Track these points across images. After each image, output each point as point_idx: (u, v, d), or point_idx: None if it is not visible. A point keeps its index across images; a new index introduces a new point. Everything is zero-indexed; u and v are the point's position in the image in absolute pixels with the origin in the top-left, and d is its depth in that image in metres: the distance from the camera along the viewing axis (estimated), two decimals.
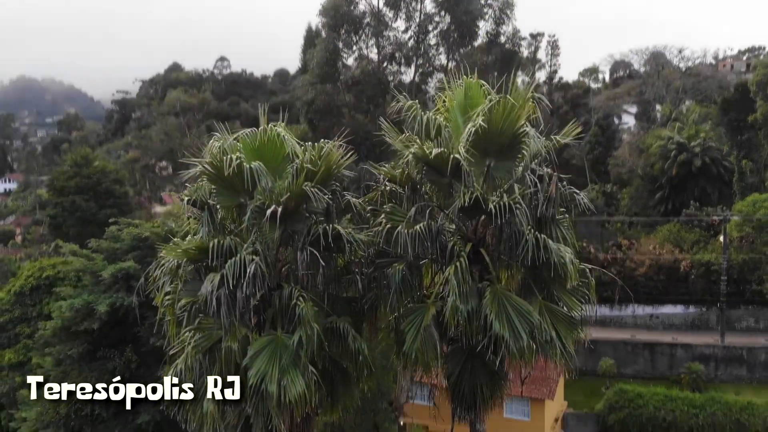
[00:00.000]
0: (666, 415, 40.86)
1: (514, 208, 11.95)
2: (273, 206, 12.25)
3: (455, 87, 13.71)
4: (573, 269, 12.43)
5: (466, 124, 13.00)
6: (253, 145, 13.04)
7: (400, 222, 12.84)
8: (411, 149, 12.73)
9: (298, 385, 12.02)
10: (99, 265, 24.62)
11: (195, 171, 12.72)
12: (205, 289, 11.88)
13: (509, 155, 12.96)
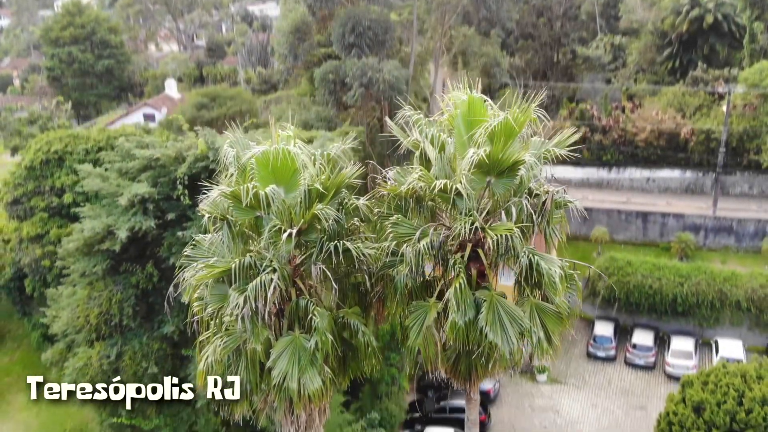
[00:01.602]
0: (653, 283, 43.85)
1: (510, 236, 13.25)
2: (288, 231, 13.54)
3: (459, 100, 14.38)
4: (561, 287, 14.00)
5: (470, 141, 13.91)
6: (266, 163, 14.02)
7: (406, 235, 14.17)
8: (416, 175, 13.75)
9: (315, 383, 14.09)
10: (114, 186, 25.86)
11: (215, 196, 13.85)
12: (231, 307, 13.52)
13: (509, 175, 14.02)
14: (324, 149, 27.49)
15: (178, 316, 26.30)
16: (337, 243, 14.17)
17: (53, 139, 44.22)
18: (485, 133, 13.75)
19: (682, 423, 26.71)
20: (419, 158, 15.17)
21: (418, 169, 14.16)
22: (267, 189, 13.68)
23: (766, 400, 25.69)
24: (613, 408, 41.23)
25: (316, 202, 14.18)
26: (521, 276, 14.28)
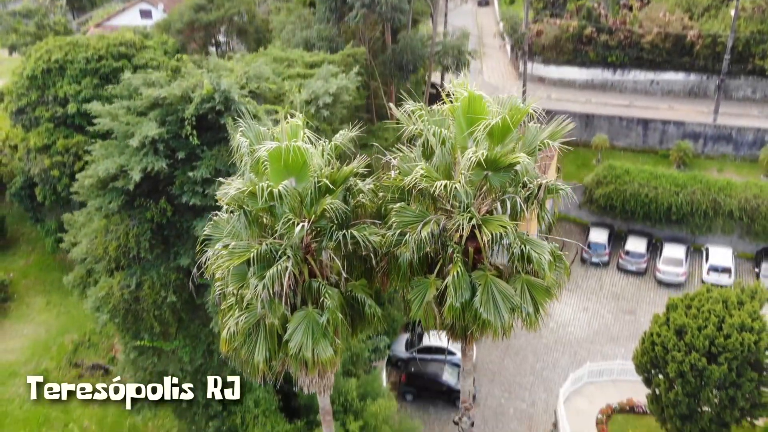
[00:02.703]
0: (649, 192, 45.59)
1: (505, 233, 14.71)
2: (301, 224, 14.98)
3: (460, 96, 15.34)
4: (549, 273, 15.61)
5: (471, 137, 15.08)
6: (278, 157, 15.21)
7: (409, 222, 15.62)
8: (419, 174, 14.97)
9: (327, 352, 16.02)
10: (124, 126, 26.83)
11: (233, 192, 15.15)
12: (251, 292, 15.20)
13: (506, 171, 15.24)
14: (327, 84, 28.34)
15: (193, 248, 28.12)
16: (345, 233, 15.62)
17: (53, 48, 44.35)
18: (484, 131, 14.83)
19: (664, 344, 29.12)
20: (422, 145, 16.27)
21: (420, 166, 15.29)
22: (280, 186, 14.95)
23: (744, 326, 27.92)
24: (604, 312, 44.05)
25: (325, 195, 15.48)
26: (513, 259, 15.79)
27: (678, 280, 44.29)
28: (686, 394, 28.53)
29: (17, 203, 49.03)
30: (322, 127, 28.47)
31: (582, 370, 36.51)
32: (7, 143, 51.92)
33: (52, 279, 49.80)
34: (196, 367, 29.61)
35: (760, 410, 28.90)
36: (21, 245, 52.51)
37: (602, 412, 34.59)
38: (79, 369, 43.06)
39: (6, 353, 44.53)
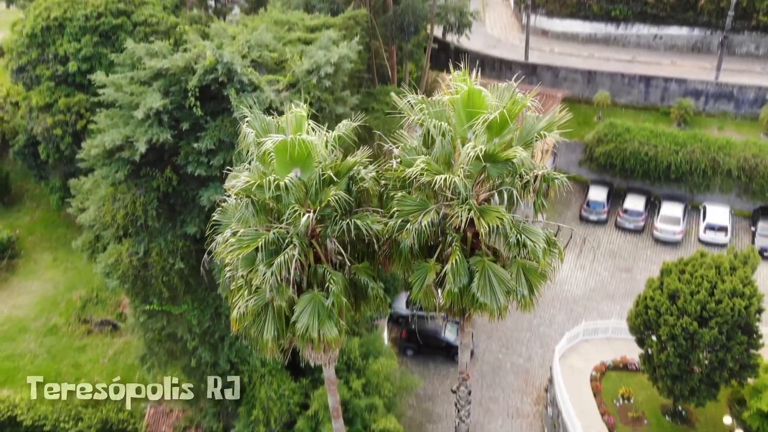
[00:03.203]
0: (649, 150, 46.18)
1: (502, 226, 15.53)
2: (307, 215, 15.80)
3: (459, 89, 15.94)
4: (543, 260, 16.47)
5: (471, 128, 15.77)
6: (284, 149, 15.90)
7: (410, 211, 16.41)
8: (419, 168, 15.68)
9: (332, 332, 17.03)
10: (129, 96, 27.33)
11: (242, 182, 15.91)
12: (260, 278, 16.11)
13: (504, 163, 15.95)
14: (328, 53, 28.68)
15: (199, 216, 28.99)
16: (349, 222, 16.44)
17: (52, 5, 44.34)
18: (483, 125, 15.49)
19: (657, 308, 30.24)
20: (423, 135, 16.92)
21: (421, 159, 15.97)
22: (286, 179, 15.68)
23: (736, 292, 28.95)
24: (600, 270, 45.17)
25: (330, 185, 16.24)
26: (510, 246, 16.63)
27: (675, 239, 45.25)
28: (677, 356, 29.77)
29: (21, 161, 49.62)
30: (324, 96, 28.94)
31: (577, 328, 37.76)
32: (8, 100, 52.23)
33: (57, 235, 50.84)
34: (204, 329, 30.80)
35: (749, 371, 30.20)
36: (25, 202, 53.33)
37: (596, 369, 35.99)
38: (88, 325, 44.49)
39: (15, 309, 45.86)
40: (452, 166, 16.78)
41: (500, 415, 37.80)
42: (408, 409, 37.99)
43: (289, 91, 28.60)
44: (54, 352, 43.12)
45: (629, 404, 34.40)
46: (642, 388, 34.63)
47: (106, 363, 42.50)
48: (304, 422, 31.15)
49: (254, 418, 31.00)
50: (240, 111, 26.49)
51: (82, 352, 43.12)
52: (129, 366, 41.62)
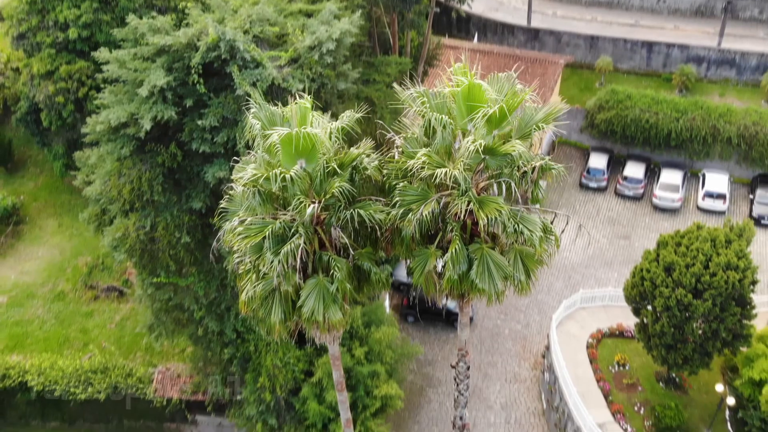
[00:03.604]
0: (650, 117, 46.65)
1: (500, 217, 16.23)
2: (312, 206, 16.48)
3: (460, 82, 16.47)
4: (540, 248, 17.20)
5: (471, 120, 16.36)
6: (289, 142, 16.50)
7: (412, 201, 17.09)
8: (421, 161, 16.29)
9: (337, 316, 17.90)
10: (133, 73, 27.72)
11: (249, 174, 16.55)
12: (268, 266, 16.88)
13: (503, 156, 16.56)
14: (330, 28, 28.96)
15: (204, 192, 29.63)
16: (352, 212, 17.14)
17: None
18: (483, 119, 16.06)
19: (653, 280, 31.09)
20: (425, 125, 17.46)
21: (422, 153, 16.57)
22: (291, 172, 16.32)
23: (730, 265, 29.75)
24: (599, 237, 45.97)
25: (334, 176, 16.90)
26: (507, 234, 17.34)
27: (674, 206, 45.95)
28: (671, 326, 30.74)
29: (23, 128, 49.98)
30: (326, 72, 29.26)
31: (574, 296, 38.69)
32: (8, 66, 52.37)
33: (61, 201, 51.54)
34: (211, 299, 31.72)
35: (742, 341, 31.19)
36: (29, 168, 53.88)
37: (593, 337, 37.06)
38: (95, 291, 45.48)
39: (23, 275, 46.83)
40: (453, 155, 17.38)
41: (498, 379, 39.02)
42: (409, 374, 39.23)
43: (290, 67, 28.94)
44: (62, 318, 44.19)
45: (624, 371, 35.53)
46: (637, 354, 35.72)
47: (114, 328, 43.61)
48: (308, 389, 32.33)
49: (260, 385, 32.16)
50: (243, 88, 27.13)
51: (89, 318, 44.19)
52: (136, 331, 42.79)
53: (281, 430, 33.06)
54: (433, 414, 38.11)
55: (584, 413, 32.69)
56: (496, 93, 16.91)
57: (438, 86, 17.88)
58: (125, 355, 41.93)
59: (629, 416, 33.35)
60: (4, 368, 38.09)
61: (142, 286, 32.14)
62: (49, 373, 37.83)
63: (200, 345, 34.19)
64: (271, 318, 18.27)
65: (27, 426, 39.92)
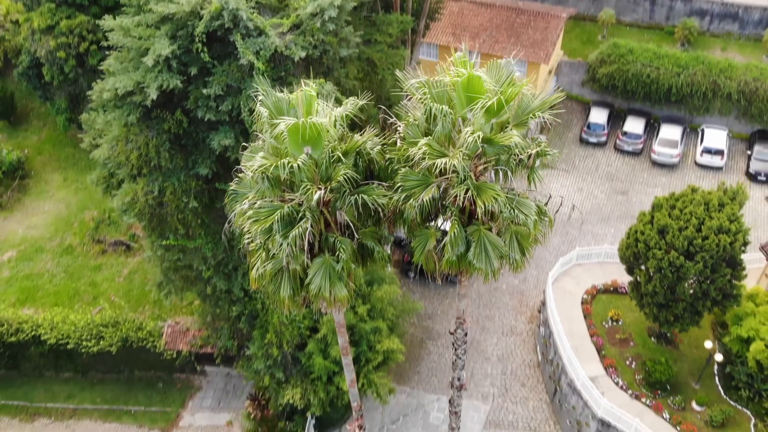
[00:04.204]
0: (651, 72, 47.21)
1: (497, 205, 17.30)
2: (318, 192, 17.52)
3: (460, 73, 17.28)
4: (535, 230, 18.30)
5: (471, 110, 17.26)
6: (296, 131, 17.43)
7: (413, 186, 18.11)
8: (422, 151, 17.23)
9: (342, 292, 19.15)
10: (137, 41, 28.28)
11: (259, 165, 17.52)
12: (276, 248, 18.02)
13: (500, 145, 17.49)
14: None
15: (210, 158, 30.55)
16: (356, 197, 18.19)
17: None
18: (481, 110, 16.95)
19: (647, 242, 32.27)
20: (426, 113, 18.31)
21: (423, 142, 17.49)
22: (299, 161, 17.28)
23: (722, 228, 30.88)
24: (597, 192, 47.04)
25: (339, 165, 17.90)
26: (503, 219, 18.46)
27: (672, 162, 46.84)
28: (663, 287, 32.08)
29: (25, 82, 50.42)
30: (328, 39, 29.77)
31: (571, 254, 39.93)
32: (8, 18, 52.45)
33: (65, 155, 52.45)
34: (218, 260, 32.99)
35: (731, 301, 32.56)
36: (32, 121, 54.55)
37: (587, 293, 38.49)
38: (102, 245, 46.85)
39: (30, 229, 48.12)
40: (453, 140, 18.30)
41: (495, 332, 40.69)
42: (410, 327, 40.87)
43: (292, 33, 29.45)
44: (71, 272, 45.65)
45: (617, 326, 37.08)
46: (630, 310, 37.19)
47: (122, 282, 45.12)
48: (314, 344, 33.91)
49: (268, 341, 33.71)
50: (246, 57, 27.78)
51: (98, 272, 45.65)
52: (144, 285, 44.30)
53: (288, 382, 34.76)
54: (432, 365, 39.92)
55: (577, 367, 34.37)
56: (495, 82, 17.71)
57: (438, 71, 18.68)
58: (134, 308, 43.54)
59: (621, 370, 35.02)
60: (18, 323, 39.61)
61: (152, 248, 33.36)
62: (61, 327, 39.35)
63: (208, 302, 35.61)
64: (281, 293, 19.51)
65: (41, 377, 41.69)
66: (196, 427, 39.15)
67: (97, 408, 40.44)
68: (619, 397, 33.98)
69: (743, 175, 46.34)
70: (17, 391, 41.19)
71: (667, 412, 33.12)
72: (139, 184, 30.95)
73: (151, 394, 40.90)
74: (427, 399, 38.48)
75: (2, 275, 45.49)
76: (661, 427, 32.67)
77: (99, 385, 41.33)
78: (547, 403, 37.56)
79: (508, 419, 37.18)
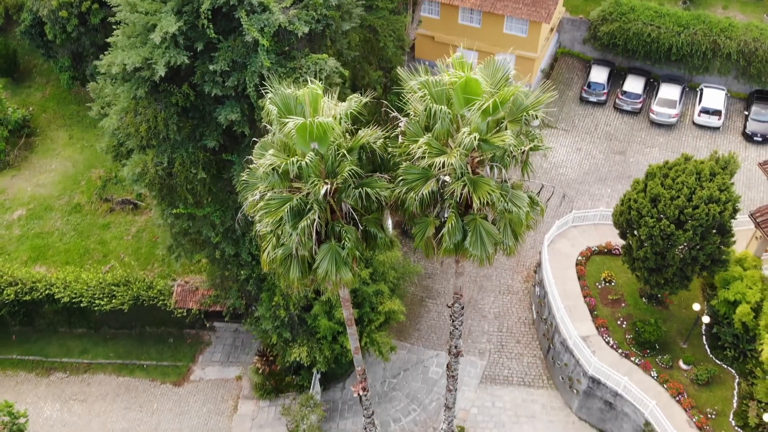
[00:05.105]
0: (652, 31, 47.96)
1: (491, 199, 18.79)
2: (325, 188, 19.00)
3: (458, 75, 18.52)
4: (525, 223, 19.84)
5: (469, 110, 18.59)
6: (304, 130, 18.78)
7: (414, 180, 19.57)
8: (421, 150, 18.60)
9: (347, 276, 20.84)
10: (143, 17, 29.21)
11: (270, 163, 18.93)
12: (286, 237, 19.60)
13: (495, 143, 18.87)
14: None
15: (216, 131, 31.80)
16: (360, 190, 19.66)
17: None
18: (478, 110, 18.27)
19: (639, 210, 33.80)
20: (426, 111, 19.59)
21: (423, 140, 18.85)
22: (306, 158, 18.69)
23: (712, 198, 32.36)
24: (596, 152, 48.30)
25: (344, 160, 19.32)
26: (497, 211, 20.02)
27: (670, 122, 47.96)
28: (654, 253, 33.75)
29: (27, 41, 51.08)
30: (331, 13, 30.65)
31: (566, 216, 41.44)
32: None
33: (70, 112, 53.54)
34: (227, 227, 34.60)
35: (719, 266, 34.28)
36: (35, 77, 55.40)
37: (582, 255, 40.24)
38: (110, 203, 48.44)
39: (38, 188, 49.62)
40: (452, 136, 19.66)
41: (492, 291, 42.64)
42: (410, 287, 42.78)
43: (295, 7, 30.32)
44: (80, 230, 47.33)
45: (610, 287, 38.95)
46: (623, 271, 38.97)
47: (130, 240, 46.86)
48: (319, 307, 35.85)
49: (275, 303, 35.61)
50: (251, 34, 28.78)
51: (106, 230, 47.33)
52: (152, 243, 46.09)
53: (295, 341, 36.84)
54: (432, 322, 42.00)
55: (570, 327, 36.36)
56: (491, 82, 18.95)
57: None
58: (143, 266, 45.38)
59: (612, 330, 37.04)
60: (32, 282, 41.42)
61: (162, 216, 34.87)
62: (74, 286, 41.19)
63: (217, 265, 37.35)
64: (290, 276, 21.20)
65: (55, 332, 43.81)
66: (207, 380, 41.45)
67: (110, 362, 42.70)
68: (610, 355, 36.09)
69: (740, 135, 47.51)
70: (33, 347, 43.35)
71: (655, 370, 35.26)
72: (148, 155, 32.28)
73: (162, 349, 43.08)
74: (427, 354, 40.68)
75: (14, 233, 47.17)
76: (649, 384, 34.86)
77: (112, 340, 43.46)
78: (541, 360, 39.75)
79: (503, 374, 39.42)
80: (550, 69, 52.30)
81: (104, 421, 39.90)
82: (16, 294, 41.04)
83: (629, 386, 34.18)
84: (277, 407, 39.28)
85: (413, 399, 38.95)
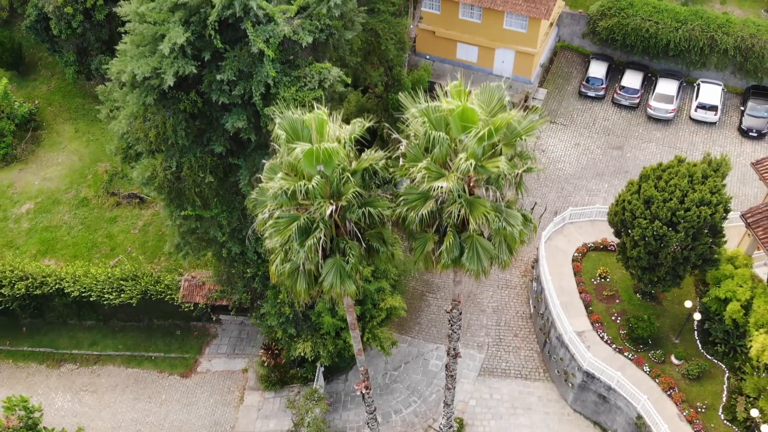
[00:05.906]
0: (650, 27, 49.09)
1: (487, 219, 20.24)
2: (330, 208, 20.44)
3: (455, 104, 19.89)
4: (518, 241, 21.30)
5: (466, 136, 19.97)
6: (311, 155, 20.19)
7: (413, 201, 21.00)
8: (421, 174, 20.01)
9: (351, 288, 22.35)
10: (152, 27, 30.44)
11: (278, 186, 20.35)
12: (294, 254, 21.09)
13: (490, 169, 20.28)
14: None
15: (223, 136, 33.15)
16: (364, 210, 21.11)
17: None
18: (474, 137, 19.65)
19: (633, 211, 35.22)
20: (425, 135, 20.96)
21: (422, 165, 20.26)
22: (313, 182, 20.10)
23: (704, 201, 33.76)
24: (593, 147, 49.60)
25: (349, 183, 20.76)
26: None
27: (667, 117, 49.20)
28: (647, 253, 35.22)
29: (33, 35, 52.15)
30: (334, 23, 31.86)
31: (563, 213, 42.85)
32: None
33: (75, 106, 54.80)
34: (233, 227, 36.08)
35: (711, 265, 35.77)
36: (40, 70, 56.57)
37: (578, 251, 41.72)
38: (116, 197, 49.86)
39: (46, 181, 51.03)
40: (450, 156, 21.05)
41: (491, 286, 44.21)
42: (411, 281, 44.37)
43: (299, 17, 31.53)
44: (87, 224, 48.82)
45: (605, 282, 40.48)
46: (618, 267, 40.48)
47: (137, 234, 48.36)
48: (323, 304, 37.42)
49: (280, 300, 37.19)
50: (257, 45, 30.03)
51: (113, 223, 48.81)
52: (159, 237, 47.59)
53: (299, 336, 38.49)
54: (432, 316, 43.62)
55: (565, 323, 37.94)
56: (486, 108, 20.32)
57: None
58: (150, 259, 46.92)
59: (606, 325, 38.64)
60: (42, 276, 42.94)
61: (170, 217, 36.30)
62: (83, 281, 42.71)
63: (224, 263, 38.90)
64: (297, 287, 22.72)
65: (65, 325, 45.44)
66: (213, 372, 43.18)
67: (119, 354, 44.42)
68: (604, 350, 37.73)
69: (736, 130, 48.76)
70: (43, 339, 45.03)
71: (648, 365, 36.91)
72: (157, 160, 33.68)
73: (170, 341, 44.75)
74: (427, 348, 42.36)
75: (22, 227, 48.69)
76: (641, 379, 36.53)
77: (120, 332, 45.13)
78: (537, 353, 41.42)
79: (501, 367, 41.11)
80: (550, 63, 53.40)
81: (114, 412, 41.66)
82: (27, 288, 42.55)
83: (622, 381, 35.84)
84: (282, 398, 41.03)
85: (414, 391, 40.68)
